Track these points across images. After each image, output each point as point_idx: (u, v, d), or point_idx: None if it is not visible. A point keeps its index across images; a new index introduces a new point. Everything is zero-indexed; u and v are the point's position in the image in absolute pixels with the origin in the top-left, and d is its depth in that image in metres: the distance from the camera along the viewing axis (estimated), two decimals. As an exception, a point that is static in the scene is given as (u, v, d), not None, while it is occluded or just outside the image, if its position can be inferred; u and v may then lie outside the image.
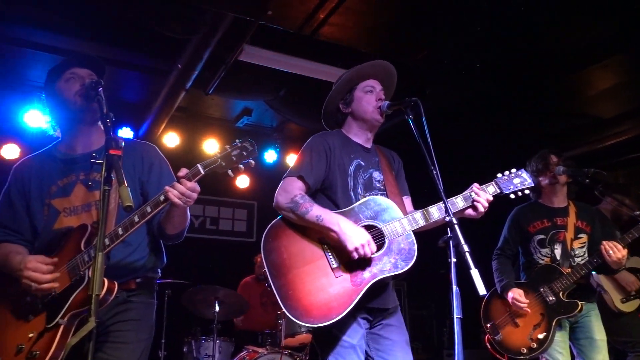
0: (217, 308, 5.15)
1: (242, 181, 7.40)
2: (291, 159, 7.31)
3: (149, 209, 2.03)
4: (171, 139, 6.60)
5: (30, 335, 2.03)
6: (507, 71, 5.01)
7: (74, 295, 2.03)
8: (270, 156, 7.14)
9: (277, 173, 6.82)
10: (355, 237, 2.28)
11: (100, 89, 2.09)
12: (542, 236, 3.59)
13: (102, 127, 2.35)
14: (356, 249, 2.27)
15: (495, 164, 2.82)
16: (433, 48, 4.68)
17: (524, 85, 5.22)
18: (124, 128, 6.27)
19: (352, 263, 2.37)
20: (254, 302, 6.06)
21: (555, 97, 5.55)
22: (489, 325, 3.60)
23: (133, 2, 4.32)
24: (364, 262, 2.37)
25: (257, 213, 7.99)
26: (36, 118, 5.68)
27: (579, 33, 4.47)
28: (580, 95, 5.62)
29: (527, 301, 3.43)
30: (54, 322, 2.00)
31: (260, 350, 4.98)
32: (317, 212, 2.36)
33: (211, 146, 6.81)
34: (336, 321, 2.26)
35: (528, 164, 3.69)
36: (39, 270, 2.05)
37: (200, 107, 6.59)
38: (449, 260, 2.10)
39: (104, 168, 1.78)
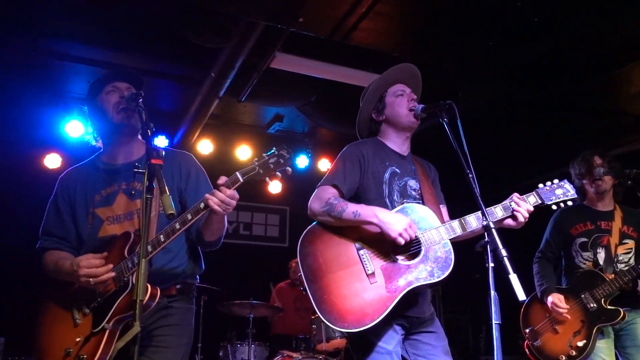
0: (251, 314, 5.23)
1: (275, 187, 7.46)
2: (323, 164, 7.33)
3: (189, 216, 2.08)
4: (205, 146, 6.72)
5: (78, 339, 2.11)
6: (544, 70, 4.91)
7: (118, 301, 2.09)
8: (301, 161, 7.18)
9: (309, 178, 6.91)
10: (396, 224, 2.28)
11: (140, 99, 2.16)
12: (584, 239, 3.49)
13: (141, 138, 2.43)
14: (400, 234, 2.28)
15: (533, 165, 2.77)
16: (465, 49, 4.63)
17: (562, 84, 5.10)
18: (160, 136, 6.41)
19: (388, 270, 2.36)
20: (288, 307, 6.10)
21: (595, 96, 5.41)
22: (527, 330, 3.53)
23: (167, 14, 4.44)
24: (400, 269, 2.36)
25: (290, 218, 8.05)
26: (77, 128, 5.88)
27: (618, 30, 4.35)
28: (620, 94, 5.45)
29: (567, 306, 3.35)
30: (100, 327, 2.07)
31: (294, 354, 5.01)
32: (353, 208, 2.37)
33: (244, 152, 6.91)
34: (370, 327, 2.26)
35: (571, 166, 3.60)
36: (93, 265, 2.13)
37: (233, 114, 6.69)
38: (487, 265, 2.07)
39: (146, 177, 1.84)
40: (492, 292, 2.03)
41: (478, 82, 5.22)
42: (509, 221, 2.44)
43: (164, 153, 1.95)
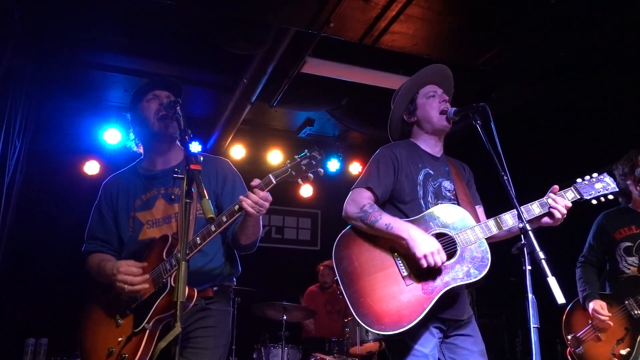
0: (284, 316, 5.27)
1: (306, 190, 7.50)
2: (354, 168, 7.34)
3: (224, 219, 2.12)
4: (237, 151, 6.83)
5: (120, 339, 2.18)
6: (580, 69, 4.80)
7: (158, 301, 2.15)
8: (333, 165, 7.20)
9: (340, 182, 6.93)
10: (424, 245, 2.26)
11: (178, 107, 2.22)
12: (628, 243, 3.37)
13: (179, 144, 2.50)
14: (425, 257, 2.25)
15: (572, 167, 2.70)
16: (499, 49, 4.56)
17: (598, 83, 4.96)
18: (193, 142, 6.54)
19: (423, 271, 2.35)
20: (319, 311, 6.12)
21: (634, 94, 5.23)
22: (570, 337, 3.44)
23: (200, 22, 4.55)
24: (436, 271, 2.34)
25: (321, 221, 8.07)
26: (114, 136, 6.07)
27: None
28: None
29: (609, 314, 3.24)
30: (141, 327, 2.13)
31: (327, 357, 5.04)
32: (386, 220, 2.37)
33: (275, 157, 6.99)
34: (408, 329, 2.25)
35: (615, 166, 3.49)
36: (131, 273, 2.20)
37: (264, 119, 6.78)
38: (524, 267, 2.05)
39: (185, 182, 1.89)
40: (530, 296, 2.00)
41: (512, 83, 5.13)
42: (547, 219, 2.38)
43: (202, 159, 2.00)
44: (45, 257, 5.94)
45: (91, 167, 6.44)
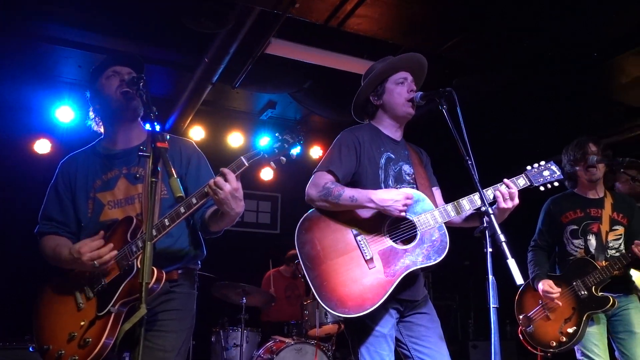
0: (244, 299, 5.25)
1: (266, 173, 7.44)
2: (315, 152, 7.33)
3: (194, 200, 2.08)
4: (197, 133, 6.66)
5: (82, 323, 2.11)
6: (538, 59, 4.93)
7: (124, 284, 2.10)
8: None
9: (300, 165, 6.90)
10: (394, 203, 2.34)
11: (142, 83, 2.15)
12: (574, 227, 3.53)
13: (141, 124, 2.42)
14: (401, 212, 2.35)
15: (526, 153, 2.81)
16: (461, 37, 4.64)
17: (556, 73, 5.13)
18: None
19: (385, 254, 2.41)
20: (279, 295, 6.14)
21: (587, 85, 5.44)
22: (521, 317, 3.60)
23: (161, -2, 4.39)
24: (397, 254, 2.41)
25: (281, 205, 8.06)
26: (67, 114, 5.80)
27: (613, 19, 4.37)
28: (613, 83, 5.49)
29: (559, 290, 3.40)
30: (105, 311, 2.07)
31: (286, 340, 5.06)
32: (349, 193, 2.42)
33: (236, 139, 6.88)
34: (370, 312, 2.30)
35: (564, 152, 3.63)
36: (95, 248, 2.12)
37: (225, 101, 6.64)
38: (485, 250, 2.12)
39: (151, 160, 1.83)
40: (490, 277, 2.07)
41: (473, 71, 5.24)
42: (502, 204, 2.43)
43: (168, 137, 1.94)
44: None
45: (42, 146, 6.15)
